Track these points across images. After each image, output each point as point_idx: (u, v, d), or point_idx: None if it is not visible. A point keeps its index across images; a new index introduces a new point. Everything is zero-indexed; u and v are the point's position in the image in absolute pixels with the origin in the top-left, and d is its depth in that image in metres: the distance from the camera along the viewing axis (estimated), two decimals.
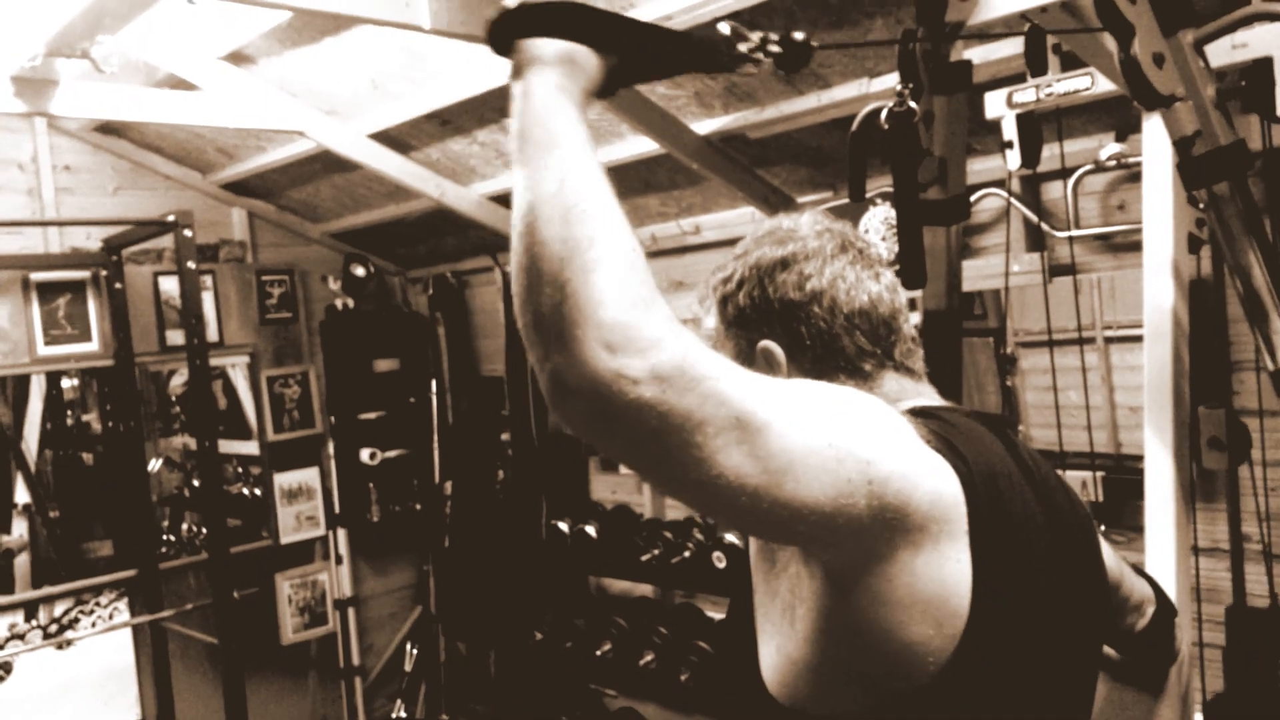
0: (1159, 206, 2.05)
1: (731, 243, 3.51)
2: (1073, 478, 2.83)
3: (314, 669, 4.69)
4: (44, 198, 3.91)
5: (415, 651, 4.79)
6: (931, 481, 0.89)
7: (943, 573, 0.88)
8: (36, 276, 3.83)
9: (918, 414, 1.01)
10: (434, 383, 4.68)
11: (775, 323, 1.07)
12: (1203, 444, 2.03)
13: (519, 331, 0.81)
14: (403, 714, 4.74)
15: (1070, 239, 2.68)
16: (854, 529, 0.84)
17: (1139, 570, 1.48)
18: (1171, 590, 2.28)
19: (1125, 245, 2.66)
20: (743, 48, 1.08)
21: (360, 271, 4.57)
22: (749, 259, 1.10)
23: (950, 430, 0.97)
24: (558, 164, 0.82)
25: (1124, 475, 2.92)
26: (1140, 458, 2.14)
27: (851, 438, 0.85)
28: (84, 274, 3.94)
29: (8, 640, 3.67)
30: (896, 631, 0.88)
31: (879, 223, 3.10)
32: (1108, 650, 1.49)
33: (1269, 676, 2.36)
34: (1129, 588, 1.37)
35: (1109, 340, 4.95)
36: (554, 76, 0.88)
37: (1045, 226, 2.77)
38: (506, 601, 4.20)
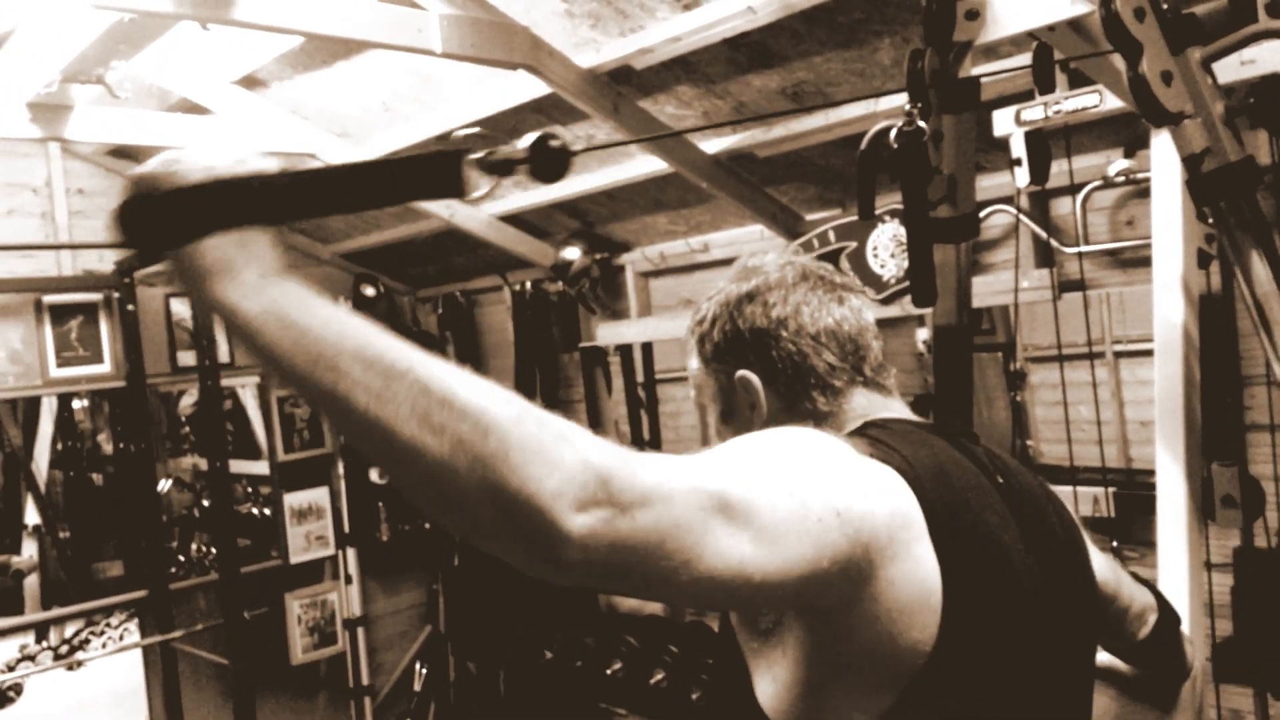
0: (1168, 222, 2.06)
1: None
2: (1084, 494, 2.83)
3: (324, 689, 4.68)
4: (57, 221, 3.94)
5: (425, 671, 4.78)
6: (886, 495, 0.92)
7: (919, 575, 0.91)
8: (49, 299, 3.86)
9: (873, 425, 1.07)
10: None
11: (748, 352, 1.13)
12: (1216, 502, 2.03)
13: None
14: None
15: (1080, 255, 2.69)
16: (840, 564, 0.86)
17: (1140, 579, 1.48)
18: (1184, 606, 2.28)
19: (1134, 260, 2.67)
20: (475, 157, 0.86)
21: (370, 291, 4.59)
22: (719, 297, 1.17)
23: (894, 437, 1.01)
24: (363, 381, 0.70)
25: (1135, 490, 2.91)
26: (1151, 472, 2.14)
27: (808, 481, 0.87)
28: (96, 296, 3.96)
29: (19, 661, 3.67)
30: (890, 643, 0.91)
31: (888, 239, 3.12)
32: (1119, 665, 1.49)
33: (1277, 617, 2.34)
34: (1128, 597, 1.37)
35: (1119, 355, 4.95)
36: (249, 275, 0.74)
37: (1054, 243, 2.78)
38: (516, 620, 4.19)
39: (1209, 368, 2.11)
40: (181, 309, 4.12)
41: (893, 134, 1.79)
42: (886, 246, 3.10)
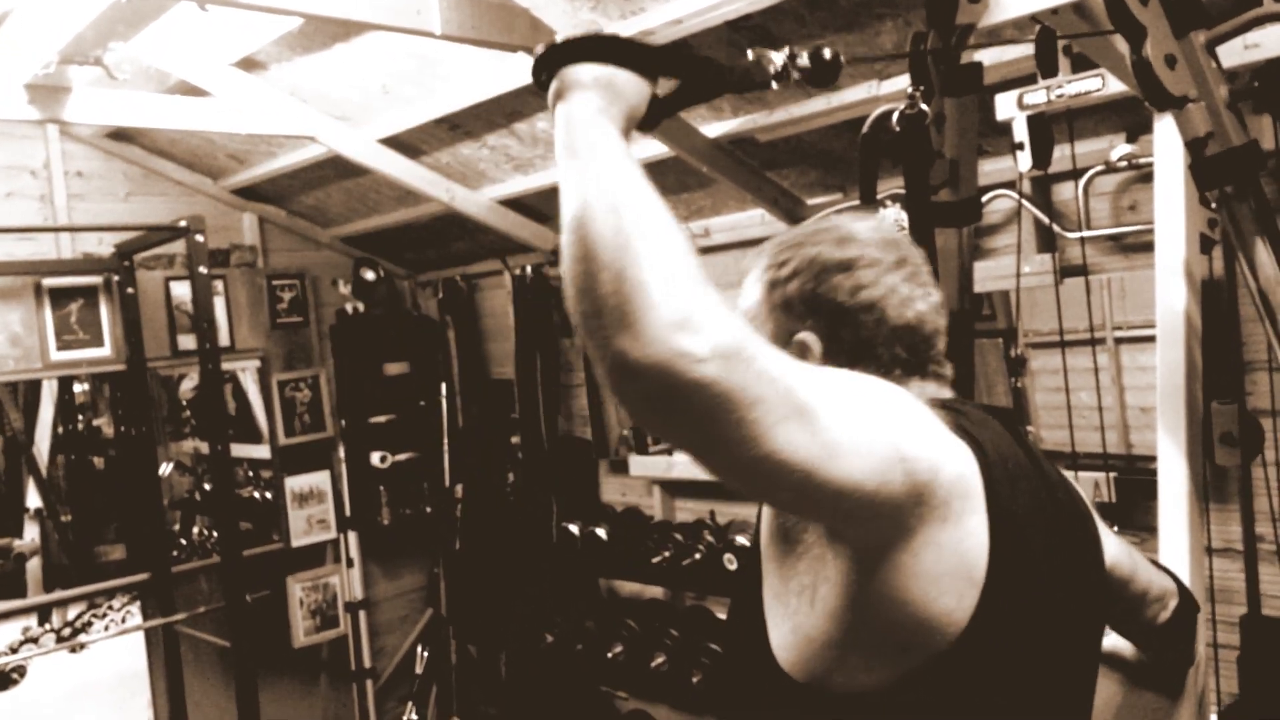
0: (1171, 208, 2.05)
1: (742, 245, 3.51)
2: (1085, 479, 2.83)
3: (325, 671, 4.70)
4: (56, 204, 3.93)
5: (426, 654, 4.80)
6: (954, 462, 0.94)
7: (964, 546, 0.92)
8: (49, 282, 3.85)
9: (937, 405, 1.05)
10: (444, 386, 4.69)
11: (820, 319, 1.09)
12: (1215, 440, 2.03)
13: (575, 322, 0.83)
14: (414, 716, 4.75)
15: (1082, 240, 2.68)
16: (890, 505, 0.88)
17: (1160, 565, 1.48)
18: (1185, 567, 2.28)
19: (1137, 246, 2.66)
20: (774, 67, 1.11)
21: (370, 275, 4.58)
22: (806, 252, 1.11)
23: (966, 420, 1.01)
24: (602, 168, 0.86)
25: (1136, 476, 2.91)
26: (1152, 458, 2.14)
27: (887, 421, 0.90)
28: (96, 279, 3.95)
29: (21, 644, 3.69)
30: (922, 604, 0.91)
31: (889, 224, 3.10)
32: (1125, 651, 1.50)
33: None
34: (1146, 581, 1.38)
35: (1119, 340, 4.94)
36: (594, 99, 0.93)
37: (1056, 227, 2.77)
38: (517, 604, 4.20)
39: (1210, 354, 2.11)
40: (182, 292, 4.11)
41: (895, 117, 1.78)
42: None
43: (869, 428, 0.87)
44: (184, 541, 4.90)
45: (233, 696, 3.59)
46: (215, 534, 4.06)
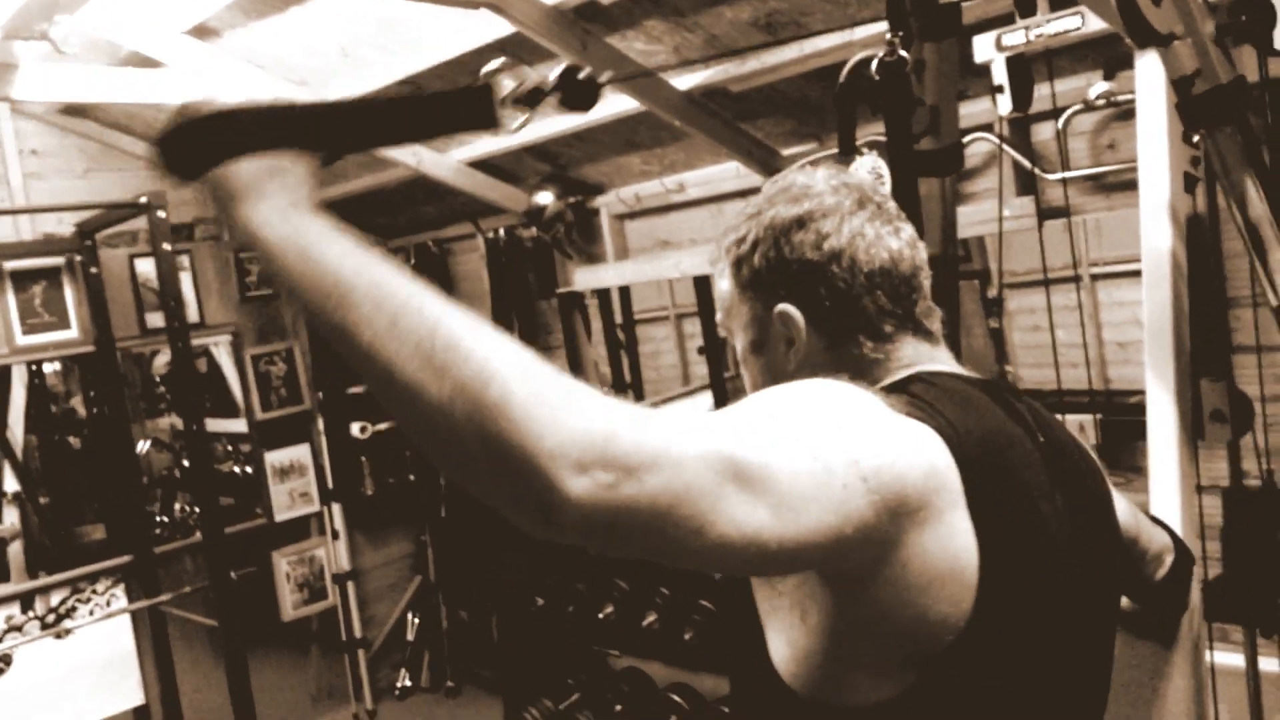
0: (1154, 147, 2.01)
1: (717, 199, 3.47)
2: (1069, 422, 2.83)
3: (316, 643, 4.70)
4: (11, 184, 3.82)
5: (417, 621, 4.80)
6: (920, 456, 0.85)
7: (953, 545, 0.85)
8: (9, 265, 3.75)
9: (918, 380, 0.99)
10: None
11: (793, 284, 1.03)
12: (1205, 417, 2.02)
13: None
14: (408, 682, 4.76)
15: (1063, 181, 2.65)
16: (864, 532, 0.80)
17: (1156, 520, 1.47)
18: (1177, 530, 2.29)
19: (1117, 185, 2.63)
20: (503, 92, 0.89)
21: None
22: (763, 218, 1.05)
23: (937, 395, 0.94)
24: (373, 314, 0.70)
25: (1120, 416, 2.91)
26: (1130, 393, 2.14)
27: (833, 442, 0.81)
28: (58, 260, 3.85)
29: (5, 633, 3.64)
30: (918, 615, 0.85)
31: (867, 172, 3.06)
32: (1123, 601, 1.49)
33: (1266, 556, 2.37)
34: (1147, 539, 1.36)
35: (1095, 278, 4.95)
36: (277, 201, 0.76)
37: (1036, 170, 2.73)
38: (506, 568, 4.18)
39: (1194, 290, 2.09)
40: (147, 268, 4.02)
41: (874, 65, 1.73)
42: (867, 178, 3.04)
43: (815, 460, 0.78)
44: (166, 519, 4.85)
45: (224, 673, 3.57)
46: (197, 511, 4.00)
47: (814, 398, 0.87)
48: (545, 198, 3.72)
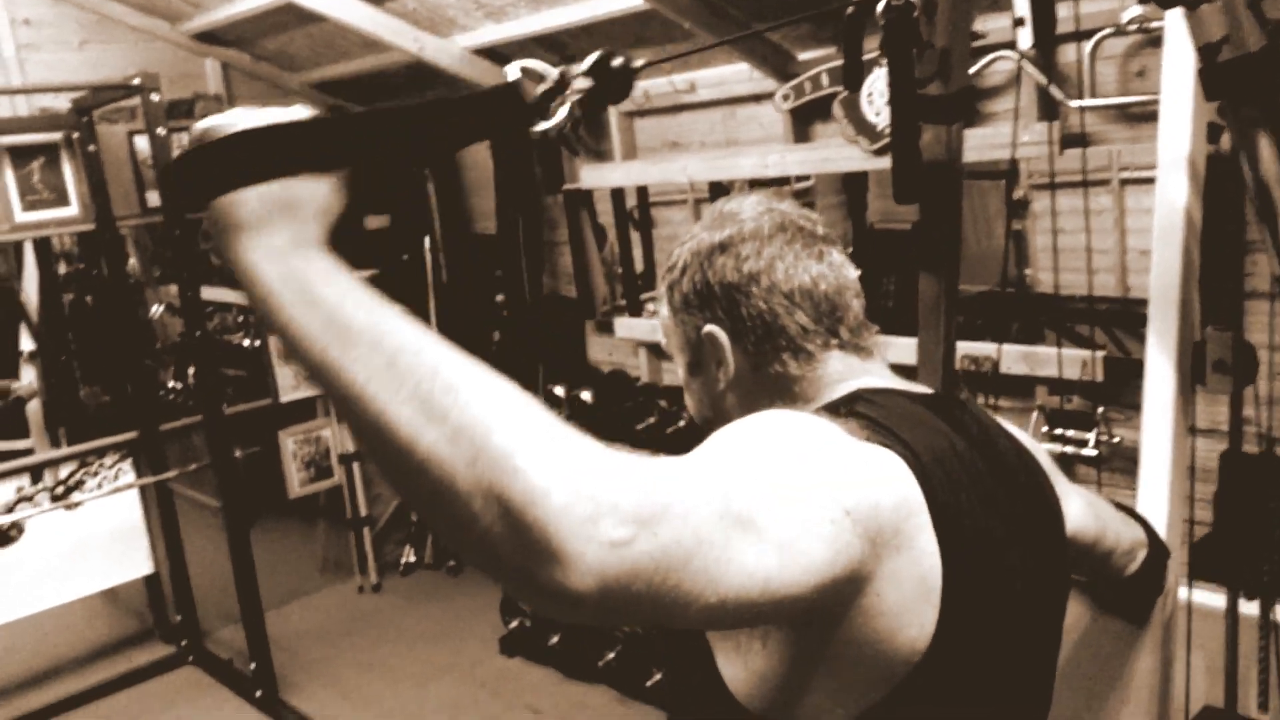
0: (1179, 93, 1.90)
1: (729, 102, 3.33)
2: (1071, 357, 2.77)
3: (323, 518, 4.81)
4: (4, 55, 3.71)
5: None
6: (890, 484, 0.86)
7: (921, 568, 0.86)
8: (6, 140, 3.68)
9: (861, 399, 0.99)
10: (426, 240, 4.57)
11: (717, 306, 1.06)
12: (1208, 366, 1.96)
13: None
14: (411, 559, 4.89)
15: (1081, 110, 2.52)
16: (852, 565, 0.80)
17: (1131, 512, 1.44)
18: (1167, 472, 2.27)
19: (1143, 116, 2.50)
20: (542, 90, 0.83)
21: None
22: (689, 245, 1.10)
23: (889, 417, 0.94)
24: (368, 355, 0.65)
25: (1124, 357, 2.84)
26: (1145, 301, 2.09)
27: (813, 480, 0.81)
28: (56, 136, 3.78)
29: (16, 503, 3.73)
30: (887, 639, 0.86)
31: (885, 84, 2.92)
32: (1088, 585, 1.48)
33: (1258, 517, 2.37)
34: (1114, 537, 1.33)
35: (1124, 182, 4.78)
36: (278, 239, 0.69)
37: (1058, 94, 2.59)
38: None
39: (1210, 236, 2.00)
40: (146, 146, 3.93)
41: (880, 8, 1.62)
42: (883, 92, 2.91)
43: (808, 502, 0.78)
44: (179, 385, 4.90)
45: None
46: (206, 379, 4.01)
47: (782, 437, 0.86)
48: None
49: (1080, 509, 1.24)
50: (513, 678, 3.84)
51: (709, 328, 1.06)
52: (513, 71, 0.83)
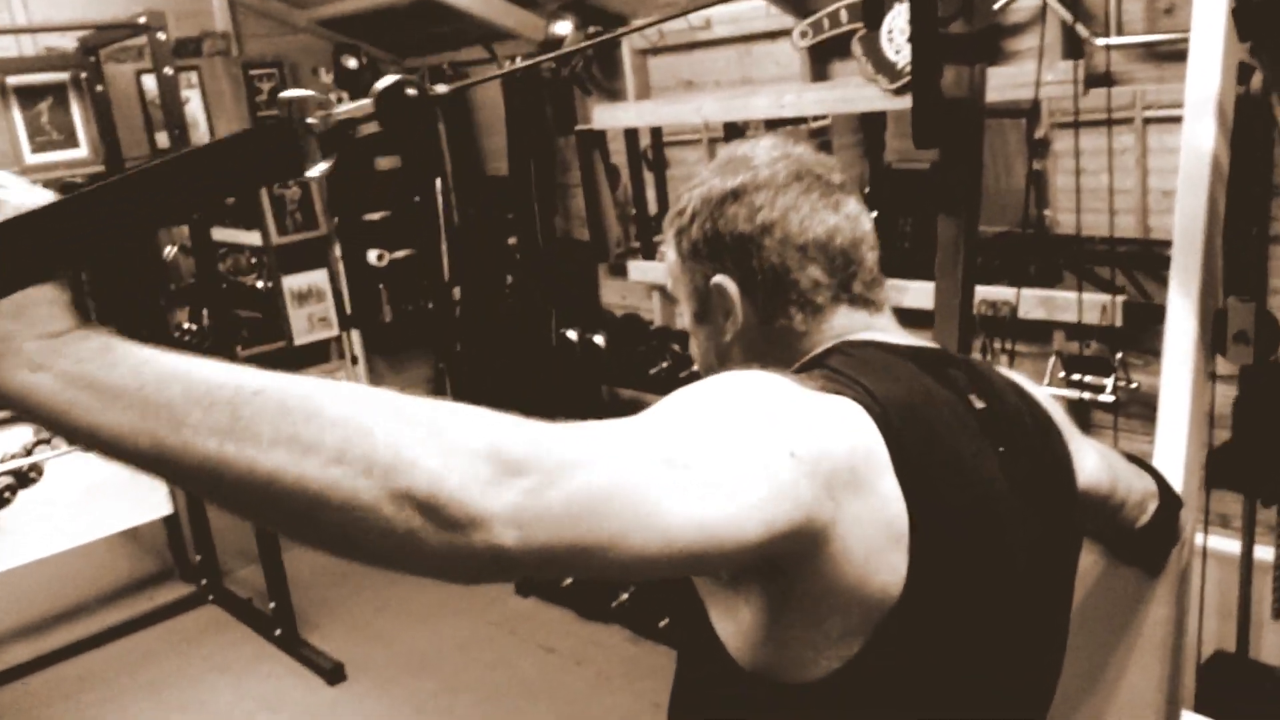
0: (1210, 32, 1.84)
1: (745, 39, 3.27)
2: (1090, 302, 2.73)
3: None
4: None
5: None
6: (843, 429, 0.85)
7: (886, 513, 0.85)
8: (13, 80, 3.64)
9: (837, 351, 0.98)
10: (438, 182, 4.53)
11: (727, 256, 1.04)
12: (1229, 336, 1.93)
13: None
14: None
15: (1107, 48, 2.46)
16: (801, 511, 0.78)
17: (1142, 464, 1.43)
18: (1185, 414, 2.25)
19: (1171, 55, 2.44)
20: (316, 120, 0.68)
21: (353, 64, 4.32)
22: (699, 190, 1.06)
23: (856, 366, 0.93)
24: (207, 418, 0.59)
25: (1144, 302, 2.80)
26: (1168, 243, 2.06)
27: (756, 425, 0.80)
28: (63, 76, 3.74)
29: (35, 445, 3.76)
30: (857, 585, 0.85)
31: (906, 22, 2.85)
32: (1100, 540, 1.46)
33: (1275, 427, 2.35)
34: (1125, 490, 1.32)
35: (1148, 121, 4.68)
36: (30, 349, 0.60)
37: (1083, 31, 2.53)
38: (520, 406, 4.23)
39: (1235, 193, 1.96)
40: (155, 86, 3.90)
41: None
42: (903, 30, 2.84)
43: (746, 442, 0.77)
44: (193, 327, 4.91)
45: None
46: (220, 321, 4.01)
47: (729, 389, 0.85)
48: (564, 28, 3.51)
49: (1094, 463, 1.22)
50: (527, 617, 3.89)
51: (718, 278, 1.04)
52: (283, 102, 0.69)
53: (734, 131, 4.80)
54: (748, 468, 0.75)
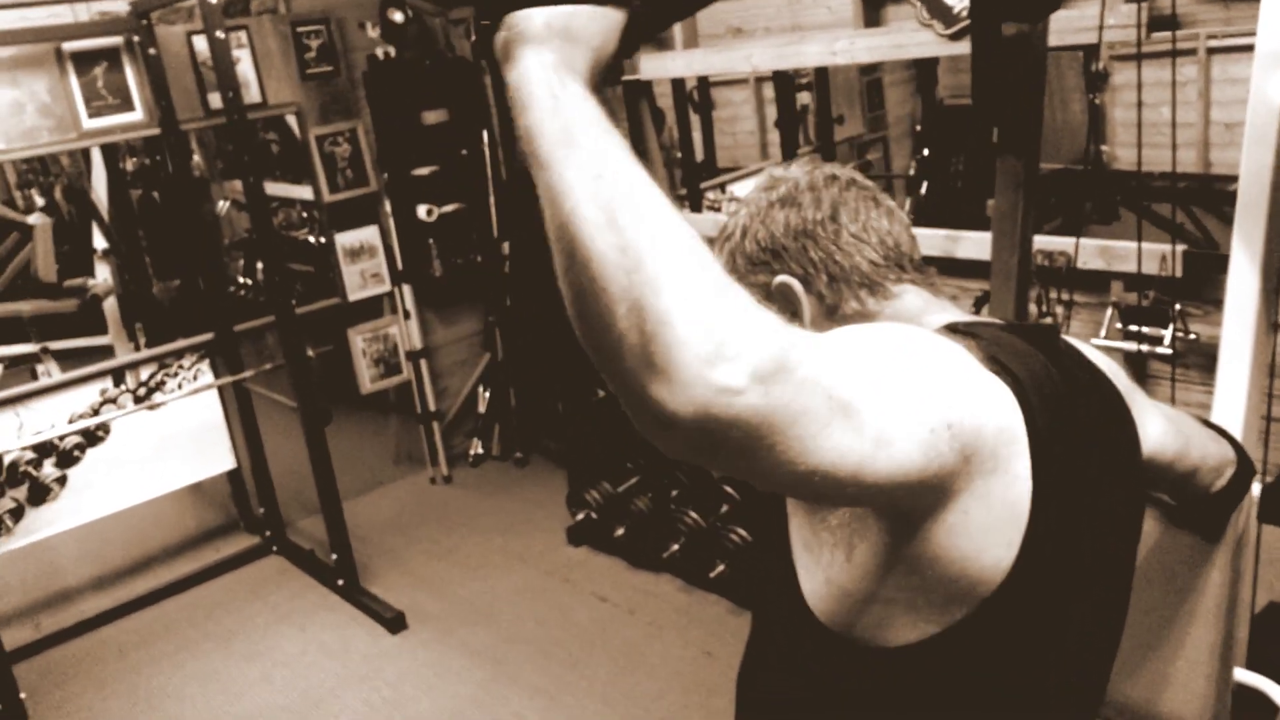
0: None
1: None
2: (1150, 251, 2.67)
3: (395, 413, 4.93)
4: None
5: (488, 394, 4.99)
6: (997, 409, 0.88)
7: (1012, 493, 0.88)
8: (69, 46, 3.69)
9: (961, 333, 0.97)
10: (485, 135, 4.53)
11: (784, 255, 1.08)
12: None
13: (591, 357, 0.72)
14: (480, 451, 5.02)
15: None
16: (943, 475, 0.83)
17: (1222, 432, 1.42)
18: (1246, 365, 2.21)
19: None
20: None
21: (399, 16, 4.31)
22: (747, 209, 1.12)
23: (997, 349, 0.94)
24: (584, 161, 0.71)
25: (1204, 251, 2.74)
26: (1229, 178, 2.01)
27: (925, 387, 0.84)
28: (117, 40, 3.78)
29: (101, 405, 3.88)
30: (972, 559, 0.88)
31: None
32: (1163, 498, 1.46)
33: None
34: (1199, 455, 1.32)
35: (1211, 51, 4.53)
36: (549, 55, 0.75)
37: None
38: (569, 361, 4.26)
39: None
40: (206, 47, 3.93)
41: None
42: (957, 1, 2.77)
43: (913, 405, 0.81)
44: (249, 281, 5.00)
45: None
46: (276, 278, 4.09)
47: (907, 343, 0.89)
48: None
49: (1160, 428, 1.22)
50: (579, 566, 3.96)
51: (780, 278, 1.08)
52: None
53: (783, 76, 4.73)
54: (912, 432, 0.79)
